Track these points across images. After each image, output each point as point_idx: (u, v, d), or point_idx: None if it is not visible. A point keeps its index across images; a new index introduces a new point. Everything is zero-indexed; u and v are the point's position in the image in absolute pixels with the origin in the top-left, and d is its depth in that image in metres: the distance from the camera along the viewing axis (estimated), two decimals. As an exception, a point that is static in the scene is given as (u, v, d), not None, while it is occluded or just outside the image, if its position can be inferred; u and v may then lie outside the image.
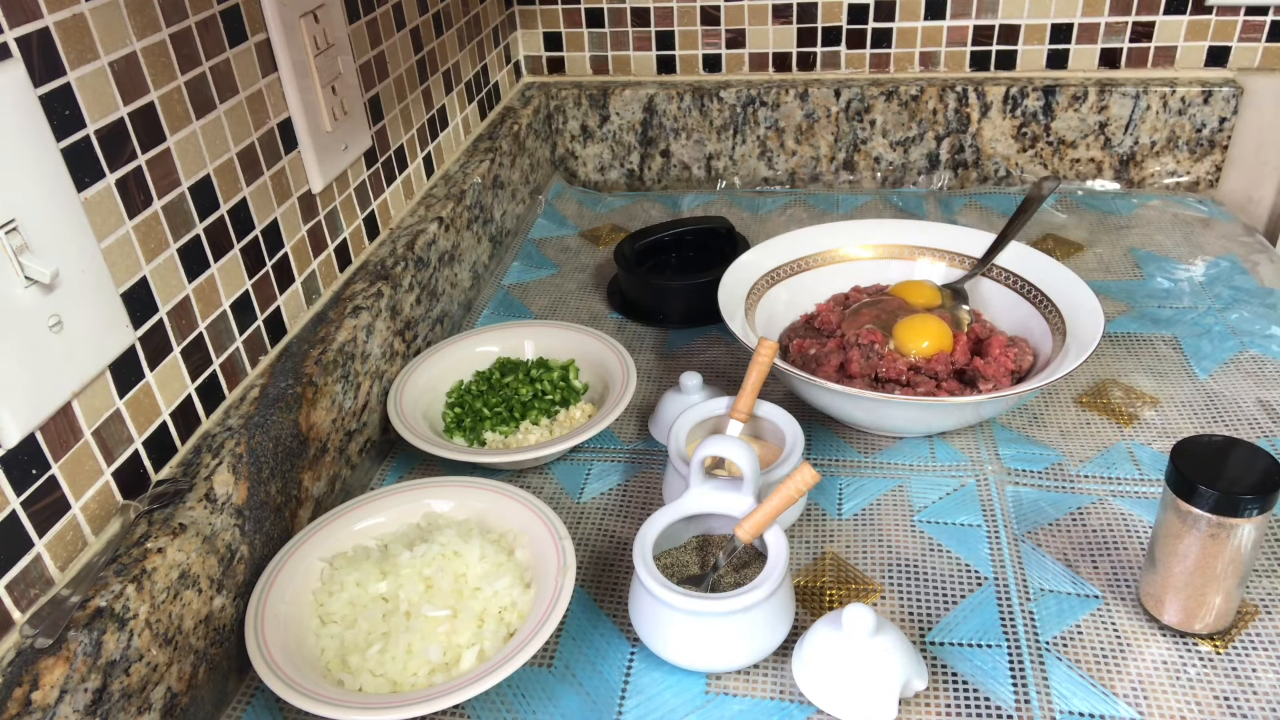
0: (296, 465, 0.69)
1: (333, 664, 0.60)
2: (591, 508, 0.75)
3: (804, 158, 1.27)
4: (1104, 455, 0.77)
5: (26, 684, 0.47)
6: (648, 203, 1.26)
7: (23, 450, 0.50)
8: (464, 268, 1.01)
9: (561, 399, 0.83)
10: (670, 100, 1.25)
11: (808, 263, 0.92)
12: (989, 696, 0.58)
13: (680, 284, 0.98)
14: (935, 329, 0.81)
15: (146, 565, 0.54)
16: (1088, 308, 0.79)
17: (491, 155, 1.10)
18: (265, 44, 0.71)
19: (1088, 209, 1.16)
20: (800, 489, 0.60)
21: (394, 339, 0.84)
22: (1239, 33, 1.15)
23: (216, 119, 0.66)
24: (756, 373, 0.73)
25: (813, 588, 0.67)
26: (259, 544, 0.64)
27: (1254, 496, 0.55)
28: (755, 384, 0.73)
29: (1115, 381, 0.85)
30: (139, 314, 0.59)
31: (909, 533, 0.71)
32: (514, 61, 1.28)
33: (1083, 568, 0.67)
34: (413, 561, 0.64)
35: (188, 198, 0.63)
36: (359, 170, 0.87)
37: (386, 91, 0.91)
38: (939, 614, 0.64)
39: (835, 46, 1.23)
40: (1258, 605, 0.63)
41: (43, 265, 0.50)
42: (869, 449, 0.79)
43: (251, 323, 0.71)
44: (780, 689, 0.60)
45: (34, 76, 0.50)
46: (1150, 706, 0.57)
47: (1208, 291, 0.97)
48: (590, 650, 0.63)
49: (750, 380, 0.73)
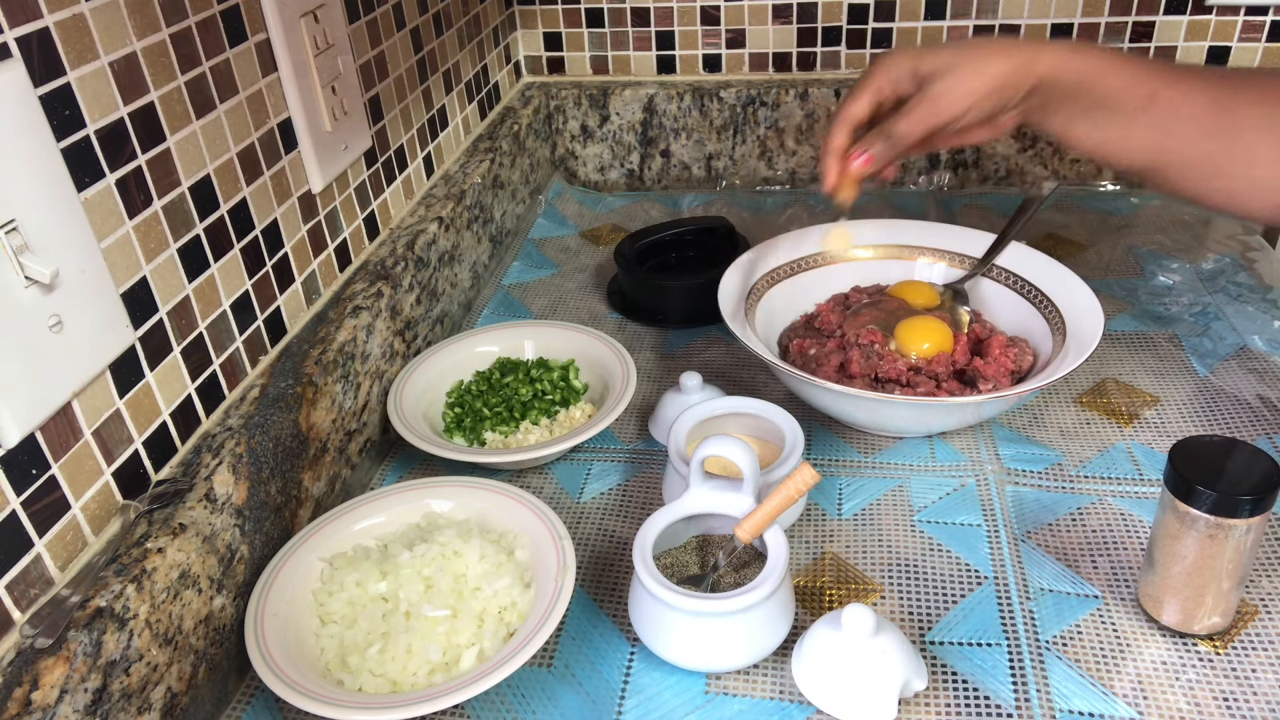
0: (296, 465, 0.69)
1: (332, 664, 0.60)
2: (591, 508, 0.75)
3: (804, 158, 1.27)
4: (1104, 455, 0.77)
5: (26, 684, 0.47)
6: (648, 203, 1.26)
7: (23, 450, 0.50)
8: (464, 268, 1.01)
9: (561, 399, 0.83)
10: (670, 100, 1.25)
11: (808, 263, 0.92)
12: (989, 696, 0.58)
13: (680, 284, 0.98)
14: (936, 330, 0.81)
15: (146, 565, 0.54)
16: (1088, 308, 0.79)
17: (491, 155, 1.10)
18: (265, 44, 0.71)
19: (1088, 209, 1.16)
20: (800, 489, 0.60)
21: (394, 339, 0.84)
22: (1239, 33, 1.15)
23: (216, 119, 0.66)
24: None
25: (813, 588, 0.67)
26: (259, 544, 0.64)
27: (1252, 497, 0.55)
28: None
29: (1115, 381, 0.85)
30: (139, 314, 0.59)
31: (909, 533, 0.71)
32: (514, 61, 1.28)
33: (1082, 567, 0.67)
34: (413, 561, 0.64)
35: (188, 198, 0.63)
36: (359, 170, 0.87)
37: (386, 91, 0.91)
38: (939, 614, 0.64)
39: (835, 46, 1.23)
40: (1258, 605, 0.63)
41: (43, 265, 0.50)
42: (869, 449, 0.79)
43: (251, 323, 0.71)
44: (780, 689, 0.60)
45: (34, 76, 0.50)
46: (1150, 706, 0.57)
47: (1208, 289, 0.97)
48: (590, 650, 0.63)
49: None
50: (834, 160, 0.74)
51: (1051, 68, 0.68)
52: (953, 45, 0.71)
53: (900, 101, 0.72)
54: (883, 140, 0.72)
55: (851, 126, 0.74)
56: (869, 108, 0.74)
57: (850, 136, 0.74)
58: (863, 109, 0.73)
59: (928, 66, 0.70)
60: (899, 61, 0.72)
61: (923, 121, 0.70)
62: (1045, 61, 0.68)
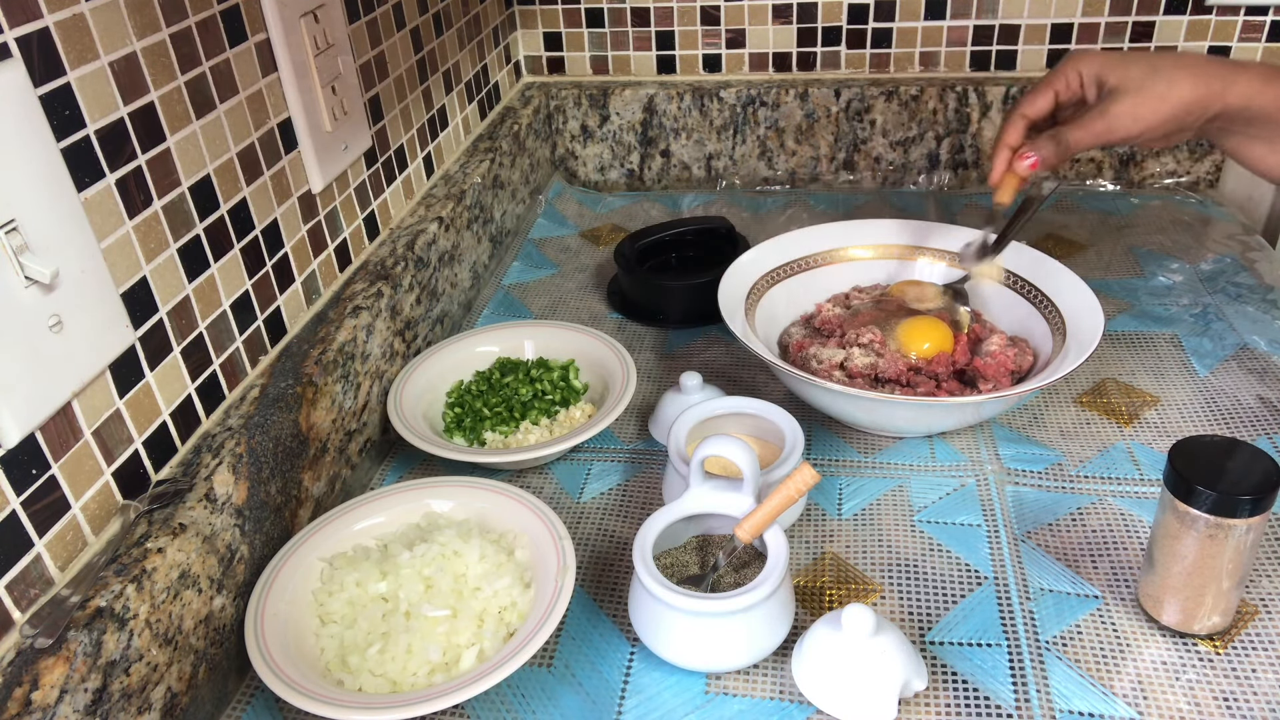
0: (296, 465, 0.69)
1: (332, 664, 0.60)
2: (591, 508, 0.75)
3: (804, 158, 1.27)
4: (1104, 455, 0.77)
5: (26, 684, 0.47)
6: (648, 203, 1.26)
7: (23, 450, 0.50)
8: (464, 268, 1.01)
9: (561, 399, 0.83)
10: (670, 100, 1.25)
11: (808, 263, 0.92)
12: (989, 696, 0.58)
13: (680, 284, 0.98)
14: (936, 330, 0.82)
15: (146, 565, 0.54)
16: (1088, 307, 0.79)
17: (491, 155, 1.10)
18: (265, 44, 0.71)
19: (1088, 209, 1.16)
20: (800, 489, 0.60)
21: (394, 339, 0.84)
22: (1239, 33, 1.15)
23: (216, 119, 0.66)
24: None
25: (813, 588, 0.67)
26: (259, 544, 0.64)
27: (1252, 497, 0.55)
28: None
29: (1115, 381, 0.85)
30: (139, 314, 0.59)
31: (909, 533, 0.71)
32: (514, 61, 1.28)
33: (1082, 567, 0.67)
34: (412, 561, 0.64)
35: (188, 198, 0.63)
36: (359, 170, 0.87)
37: (386, 91, 0.91)
38: (939, 614, 0.64)
39: (835, 46, 1.23)
40: (1258, 605, 0.63)
41: (43, 265, 0.50)
42: (869, 449, 0.79)
43: (251, 323, 0.71)
44: (780, 689, 0.60)
45: (34, 76, 0.50)
46: (1150, 706, 0.57)
47: (1208, 289, 0.97)
48: (590, 650, 0.63)
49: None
50: (1005, 154, 0.74)
51: (1242, 98, 0.67)
52: (1145, 60, 0.69)
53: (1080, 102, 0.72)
54: (1053, 146, 0.72)
55: (1028, 122, 0.74)
56: (1049, 104, 0.74)
57: (1024, 132, 0.74)
58: (1043, 106, 0.74)
59: (1115, 78, 0.69)
60: (1088, 63, 0.71)
61: (1097, 138, 0.70)
62: (1238, 91, 0.67)
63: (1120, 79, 0.69)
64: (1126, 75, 0.69)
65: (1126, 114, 0.68)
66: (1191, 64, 0.68)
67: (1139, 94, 0.68)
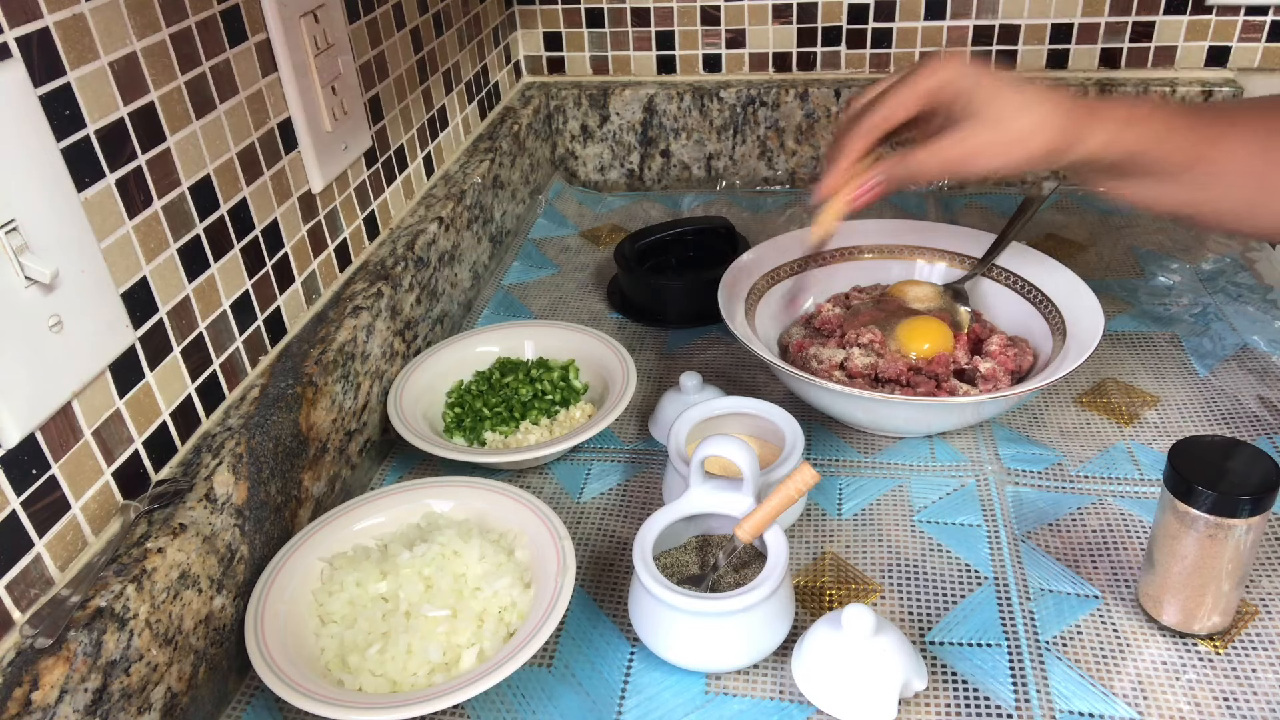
0: (296, 465, 0.69)
1: (333, 664, 0.60)
2: (591, 508, 0.75)
3: (804, 158, 1.27)
4: (1104, 455, 0.77)
5: (26, 684, 0.47)
6: (648, 203, 1.26)
7: (23, 450, 0.50)
8: (464, 268, 1.01)
9: (561, 399, 0.83)
10: (670, 100, 1.25)
11: (808, 263, 0.92)
12: (989, 696, 0.58)
13: (680, 284, 0.98)
14: (936, 331, 0.81)
15: (146, 565, 0.54)
16: (1088, 307, 0.79)
17: (491, 155, 1.10)
18: (265, 44, 0.71)
19: (1088, 209, 1.16)
20: (800, 489, 0.60)
21: (394, 339, 0.84)
22: (1239, 33, 1.15)
23: (216, 119, 0.66)
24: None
25: (813, 588, 0.67)
26: (259, 544, 0.64)
27: (1252, 497, 0.55)
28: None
29: (1115, 381, 0.85)
30: (139, 314, 0.59)
31: (909, 533, 0.71)
32: (514, 61, 1.28)
33: (1082, 567, 0.67)
34: (412, 561, 0.64)
35: (188, 198, 0.63)
36: (359, 170, 0.87)
37: (386, 91, 0.91)
38: (939, 614, 0.64)
39: (835, 46, 1.23)
40: (1258, 605, 0.63)
41: (43, 265, 0.50)
42: (869, 449, 0.79)
43: (251, 323, 0.71)
44: (780, 689, 0.60)
45: (34, 76, 0.50)
46: (1150, 706, 0.57)
47: (1208, 289, 0.97)
48: (590, 650, 0.63)
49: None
50: (846, 167, 0.67)
51: (1100, 147, 0.63)
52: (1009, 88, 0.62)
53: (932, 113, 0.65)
54: (902, 171, 0.65)
55: (881, 134, 0.66)
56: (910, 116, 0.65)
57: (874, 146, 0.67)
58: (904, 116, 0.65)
59: (980, 100, 0.62)
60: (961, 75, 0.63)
61: (948, 167, 0.64)
62: (1095, 141, 0.63)
63: (983, 102, 0.62)
64: (991, 102, 0.62)
65: (986, 150, 0.62)
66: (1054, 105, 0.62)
67: (1003, 129, 0.62)
